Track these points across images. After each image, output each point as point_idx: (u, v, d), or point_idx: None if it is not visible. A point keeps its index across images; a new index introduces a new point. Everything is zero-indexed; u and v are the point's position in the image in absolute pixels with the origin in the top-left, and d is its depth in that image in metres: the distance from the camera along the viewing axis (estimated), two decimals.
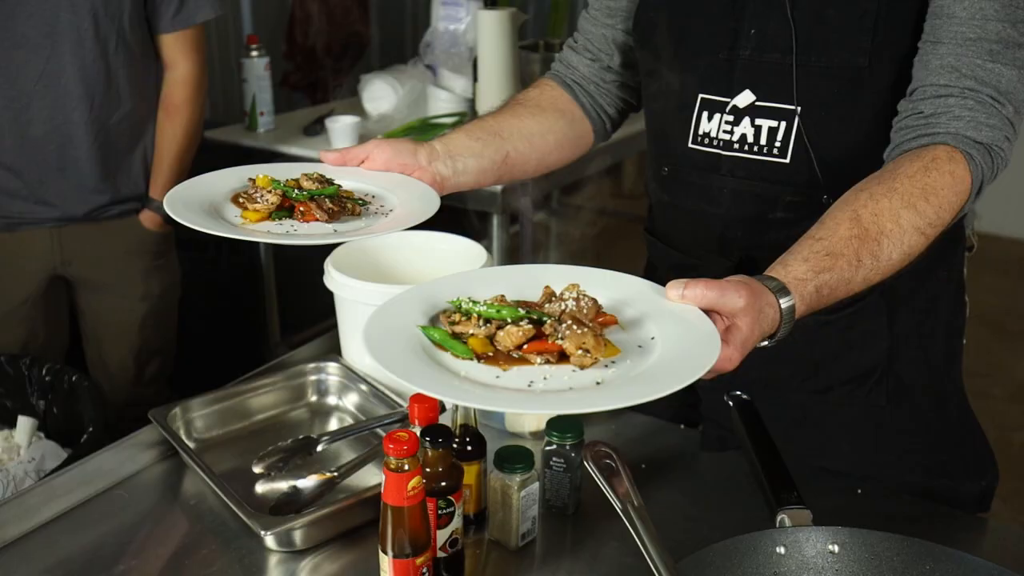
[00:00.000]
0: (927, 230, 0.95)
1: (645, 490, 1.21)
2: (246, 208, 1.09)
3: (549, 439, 1.16)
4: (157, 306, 2.25)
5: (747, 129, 1.15)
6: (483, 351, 0.84)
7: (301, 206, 1.08)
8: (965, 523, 1.17)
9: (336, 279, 1.40)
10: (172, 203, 1.07)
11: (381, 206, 1.14)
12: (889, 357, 1.20)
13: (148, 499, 1.20)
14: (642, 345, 0.83)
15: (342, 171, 1.18)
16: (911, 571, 0.80)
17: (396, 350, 0.82)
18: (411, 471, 0.95)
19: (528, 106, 1.33)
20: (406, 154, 1.19)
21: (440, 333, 0.86)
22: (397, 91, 2.66)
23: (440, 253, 1.52)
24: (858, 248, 0.91)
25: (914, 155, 0.98)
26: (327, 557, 1.10)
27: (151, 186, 2.16)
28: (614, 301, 0.90)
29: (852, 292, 0.92)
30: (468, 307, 0.87)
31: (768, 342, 0.88)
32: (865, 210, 0.93)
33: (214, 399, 1.35)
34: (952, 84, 0.99)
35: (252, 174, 1.15)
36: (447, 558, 1.06)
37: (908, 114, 1.03)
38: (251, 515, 1.08)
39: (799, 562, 0.81)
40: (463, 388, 0.78)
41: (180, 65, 2.13)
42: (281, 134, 2.70)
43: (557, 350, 0.82)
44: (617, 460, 0.84)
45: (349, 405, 1.42)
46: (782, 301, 0.86)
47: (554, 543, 1.14)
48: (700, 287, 0.83)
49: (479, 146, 1.24)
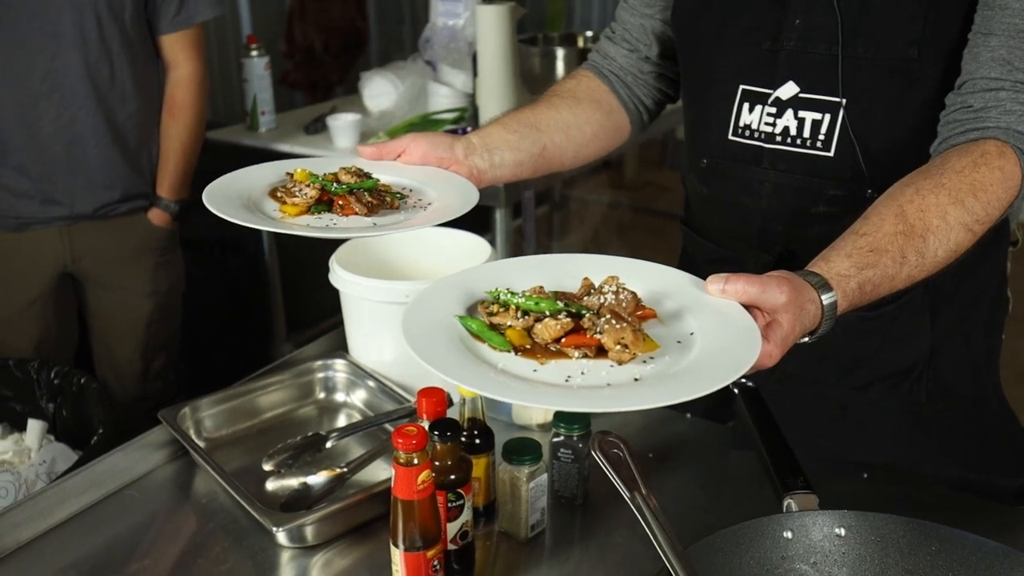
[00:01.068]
0: (975, 227, 0.93)
1: (653, 479, 1.23)
2: (284, 202, 1.09)
3: (556, 430, 1.17)
4: (163, 302, 2.27)
5: (790, 121, 1.13)
6: (521, 343, 0.82)
7: (340, 200, 1.08)
8: (1002, 514, 1.17)
9: (341, 276, 1.40)
10: (211, 197, 1.07)
11: (419, 200, 1.13)
12: (931, 354, 1.19)
13: (159, 499, 1.21)
14: (681, 340, 0.82)
15: (379, 165, 1.17)
16: (917, 552, 0.80)
17: (433, 341, 0.81)
18: (420, 465, 0.95)
19: (565, 97, 1.31)
20: (443, 148, 1.17)
21: (478, 324, 0.85)
22: (397, 87, 2.66)
23: (444, 248, 1.53)
24: (903, 244, 0.89)
25: (963, 150, 0.96)
26: (339, 552, 1.11)
27: (157, 184, 2.19)
28: (653, 293, 0.89)
29: (896, 289, 0.91)
30: (506, 298, 0.86)
31: (809, 338, 0.86)
32: (911, 206, 0.91)
33: (223, 398, 1.36)
34: (1003, 77, 0.97)
35: (289, 169, 1.15)
36: (458, 550, 1.07)
37: (957, 107, 1.00)
38: (262, 512, 1.09)
39: (806, 546, 0.81)
40: (501, 383, 0.77)
41: (181, 65, 2.15)
42: (282, 133, 2.70)
43: (595, 344, 0.81)
44: (624, 449, 0.84)
45: (357, 401, 1.43)
46: (824, 297, 0.84)
47: (563, 533, 1.15)
48: (741, 282, 0.82)
49: (516, 139, 1.22)
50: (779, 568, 0.81)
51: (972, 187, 0.93)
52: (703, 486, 1.23)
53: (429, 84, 2.66)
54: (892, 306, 1.11)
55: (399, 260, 1.54)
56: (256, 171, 1.17)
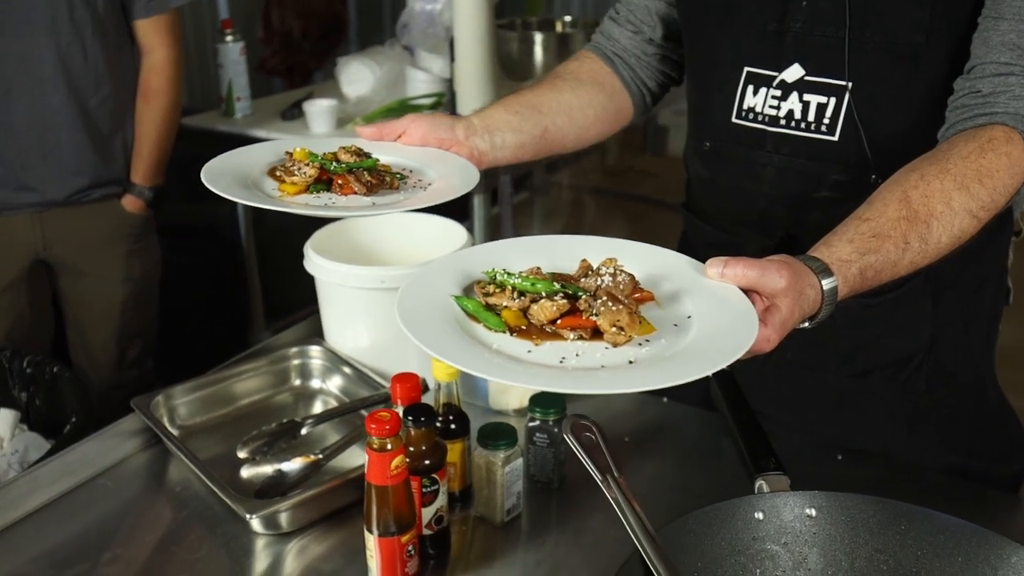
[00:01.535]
0: (980, 213, 0.92)
1: (629, 462, 1.24)
2: (283, 181, 1.08)
3: (532, 415, 1.17)
4: (138, 289, 2.26)
5: (795, 105, 1.12)
6: (516, 324, 0.82)
7: (339, 179, 1.07)
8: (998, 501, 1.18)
9: (316, 262, 1.39)
10: (209, 175, 1.06)
11: (419, 180, 1.12)
12: (931, 342, 1.18)
13: (133, 487, 1.20)
14: (678, 324, 0.82)
15: (379, 146, 1.16)
16: (887, 532, 0.81)
17: (427, 321, 0.81)
18: (394, 451, 0.95)
19: (567, 79, 1.30)
20: (443, 129, 1.16)
21: (473, 304, 0.85)
22: (375, 73, 2.64)
23: (420, 234, 1.52)
24: (906, 230, 0.88)
25: (969, 135, 0.95)
26: (314, 539, 1.11)
27: (132, 171, 2.18)
28: (651, 276, 0.88)
29: (898, 275, 0.90)
30: (503, 279, 0.86)
31: (808, 324, 0.86)
32: (915, 191, 0.90)
33: (197, 386, 1.35)
34: (1013, 62, 0.95)
35: (289, 148, 1.14)
36: (433, 535, 1.06)
37: (965, 92, 0.99)
38: (236, 499, 1.08)
39: (777, 527, 0.82)
40: (493, 363, 0.76)
41: (156, 51, 2.13)
42: (258, 119, 2.68)
43: (591, 326, 0.80)
44: (597, 433, 0.84)
45: (333, 388, 1.42)
46: (824, 282, 0.83)
47: (539, 517, 1.15)
48: (740, 266, 0.82)
49: (517, 120, 1.21)
50: (750, 549, 0.82)
51: (978, 173, 0.91)
52: (679, 469, 1.24)
53: (407, 69, 2.65)
54: (893, 293, 1.10)
55: (375, 246, 1.53)
56: (255, 150, 1.17)
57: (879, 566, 0.81)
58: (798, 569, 0.82)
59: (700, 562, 0.80)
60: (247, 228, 2.67)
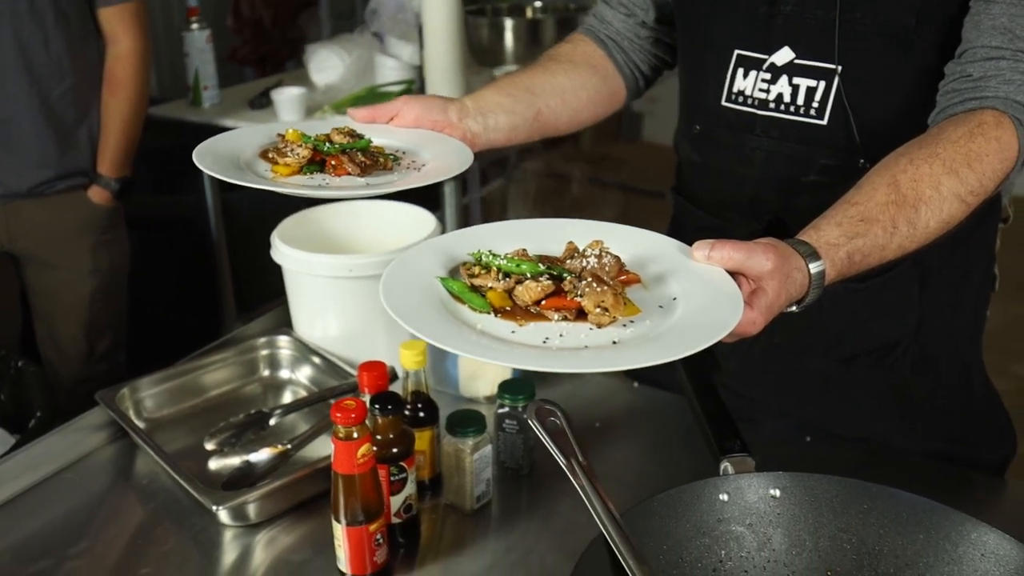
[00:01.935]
0: (968, 198, 0.91)
1: (599, 448, 1.24)
2: (276, 163, 1.07)
3: (501, 401, 1.17)
4: (106, 282, 2.23)
5: (784, 88, 1.11)
6: (501, 305, 0.82)
7: (333, 160, 1.06)
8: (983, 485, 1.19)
9: (283, 251, 1.38)
10: (201, 157, 1.05)
11: (413, 161, 1.11)
12: (918, 328, 1.18)
13: (98, 481, 1.18)
14: (663, 305, 0.82)
15: (372, 128, 1.15)
16: (849, 511, 0.81)
17: (411, 302, 0.81)
18: (360, 439, 0.95)
19: (561, 62, 1.29)
20: (436, 110, 1.15)
21: (459, 285, 0.85)
22: (344, 60, 2.62)
23: (388, 222, 1.52)
24: (894, 214, 0.88)
25: (960, 119, 0.94)
26: (283, 529, 1.10)
27: (98, 162, 2.15)
28: (638, 258, 0.88)
29: (886, 259, 0.89)
30: (488, 260, 0.86)
31: (795, 307, 0.85)
32: (904, 175, 0.90)
33: (164, 377, 1.34)
34: (1004, 46, 0.95)
35: (281, 130, 1.14)
36: (402, 524, 1.06)
37: (956, 77, 0.99)
38: (202, 491, 1.08)
39: (742, 508, 0.82)
40: (477, 343, 0.77)
41: (121, 40, 2.10)
42: (226, 108, 2.66)
43: (575, 307, 0.81)
44: (562, 417, 0.84)
45: (302, 378, 1.41)
46: (812, 266, 0.83)
47: (510, 504, 1.15)
48: (727, 248, 0.81)
49: (510, 102, 1.20)
50: (715, 530, 0.82)
51: (967, 157, 0.91)
52: (649, 454, 1.24)
53: (376, 56, 2.63)
54: (880, 278, 1.10)
55: (343, 234, 1.52)
56: (247, 132, 1.16)
57: (842, 545, 0.82)
58: (762, 549, 0.83)
59: (665, 544, 0.80)
60: (217, 219, 2.65)
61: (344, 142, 1.09)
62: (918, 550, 0.80)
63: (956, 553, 0.78)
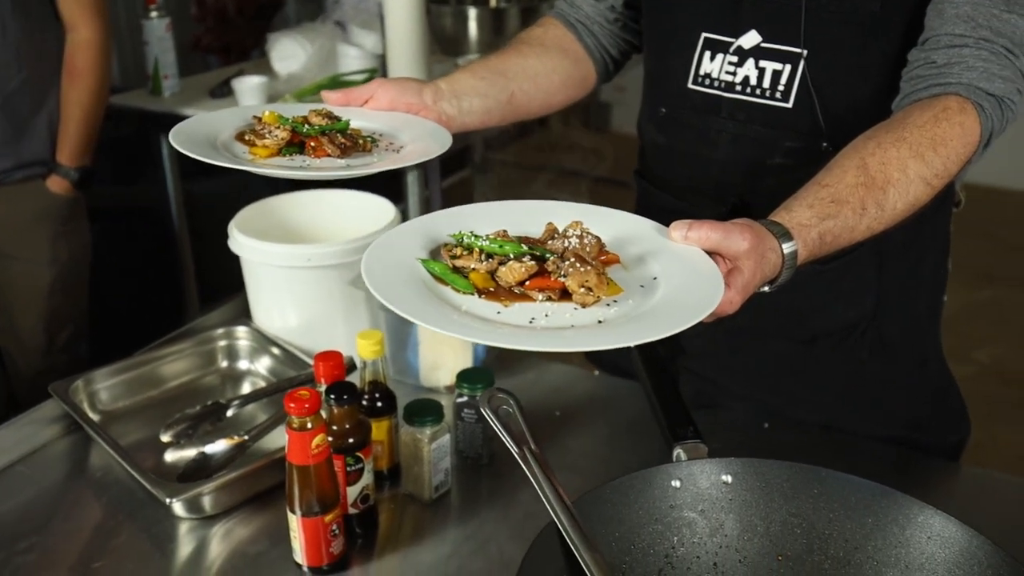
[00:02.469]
0: (933, 181, 0.93)
1: (560, 436, 1.24)
2: (254, 145, 1.06)
3: (460, 390, 1.16)
4: (65, 272, 2.20)
5: (751, 71, 1.12)
6: (484, 286, 0.82)
7: (312, 141, 1.05)
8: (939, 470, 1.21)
9: (241, 242, 1.37)
10: (178, 138, 1.03)
11: (390, 143, 1.11)
12: (875, 310, 1.20)
13: (51, 475, 1.17)
14: (644, 285, 0.82)
15: (346, 111, 1.14)
16: (800, 496, 0.82)
17: (395, 283, 0.80)
18: (314, 429, 0.94)
19: (532, 45, 1.29)
20: (411, 93, 1.15)
21: (441, 267, 0.84)
22: (306, 49, 2.59)
23: (347, 211, 1.51)
24: (864, 196, 0.89)
25: (925, 105, 0.96)
26: (239, 521, 1.09)
27: (58, 151, 2.11)
28: (616, 239, 0.89)
29: (855, 240, 0.91)
30: (470, 241, 0.85)
31: (768, 288, 0.87)
32: (872, 158, 0.91)
33: (120, 369, 1.32)
34: (967, 34, 0.97)
35: (257, 112, 1.12)
36: (359, 514, 1.06)
37: (920, 63, 1.00)
38: (156, 483, 1.06)
39: (694, 494, 0.83)
40: (463, 323, 0.76)
41: (81, 28, 2.06)
42: (187, 97, 2.62)
43: (559, 287, 0.81)
44: (514, 405, 0.84)
45: (261, 369, 1.40)
46: (785, 246, 0.84)
47: (469, 493, 1.15)
48: (705, 228, 0.82)
49: (484, 85, 1.21)
50: (668, 517, 0.82)
51: (932, 141, 0.93)
52: (609, 442, 1.25)
53: (338, 45, 2.61)
54: (840, 261, 1.11)
55: (302, 224, 1.51)
56: (222, 115, 1.14)
57: (793, 529, 0.83)
58: (715, 535, 0.83)
59: (617, 531, 0.80)
60: (178, 208, 2.62)
61: (323, 124, 1.08)
62: (867, 533, 0.81)
63: (903, 536, 0.79)
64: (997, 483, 1.16)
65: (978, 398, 1.33)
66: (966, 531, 0.76)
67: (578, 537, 0.72)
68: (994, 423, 2.94)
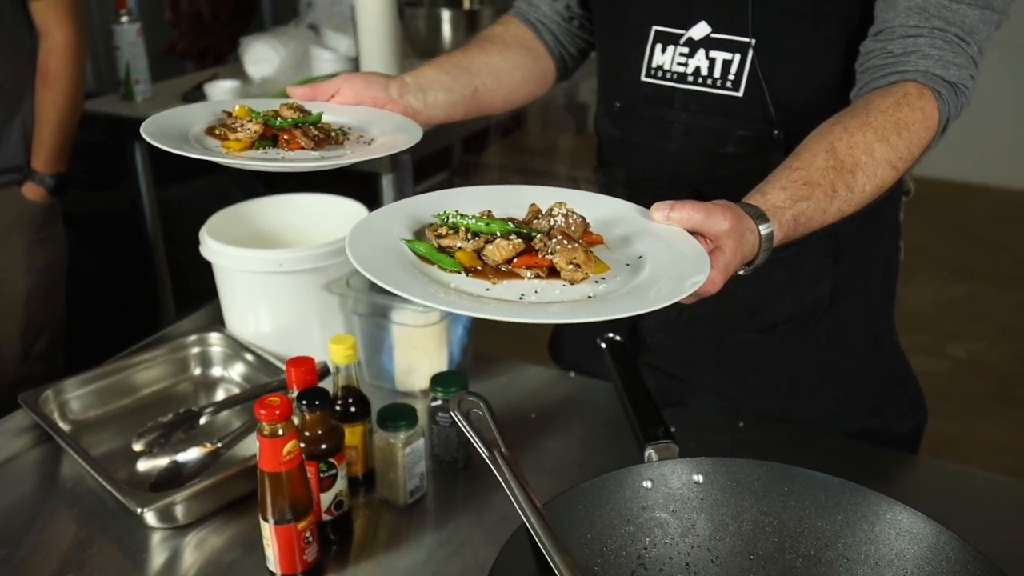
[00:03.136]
0: (898, 164, 0.97)
1: (536, 438, 1.24)
2: (226, 138, 1.05)
3: (434, 394, 1.16)
4: (42, 280, 2.17)
5: (701, 62, 1.15)
6: (471, 265, 0.81)
7: (286, 134, 1.05)
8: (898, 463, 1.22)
9: (212, 247, 1.36)
10: (150, 131, 1.02)
11: (361, 136, 1.11)
12: (831, 296, 1.23)
13: (21, 486, 1.16)
14: (630, 263, 0.83)
15: (313, 106, 1.14)
16: (771, 494, 0.82)
17: (381, 261, 0.79)
18: (285, 436, 0.94)
19: (495, 42, 1.32)
20: (377, 87, 1.16)
21: (426, 247, 0.83)
22: (279, 53, 2.58)
23: (320, 216, 1.50)
24: (834, 179, 0.92)
25: (885, 91, 1.00)
26: (213, 530, 1.08)
27: (33, 157, 2.09)
28: (599, 221, 0.89)
29: (826, 223, 0.94)
30: (456, 220, 0.85)
31: (745, 270, 0.89)
32: (840, 142, 0.94)
33: (91, 378, 1.31)
34: (921, 24, 1.00)
35: (226, 107, 1.12)
36: (333, 521, 1.05)
37: (876, 54, 1.04)
38: (127, 493, 1.05)
39: (665, 494, 0.83)
40: (453, 298, 0.76)
41: (55, 33, 2.04)
42: (159, 102, 2.60)
43: (547, 265, 0.81)
44: (485, 408, 0.84)
45: (235, 376, 1.39)
46: (762, 227, 0.86)
47: (445, 497, 1.14)
48: (687, 208, 0.83)
49: (449, 80, 1.22)
50: (640, 518, 0.82)
51: (896, 126, 0.96)
52: (585, 443, 1.25)
53: (312, 49, 2.60)
54: (797, 247, 1.13)
55: (273, 229, 1.50)
56: (191, 109, 1.14)
57: (764, 528, 0.83)
58: (687, 535, 0.83)
59: (589, 533, 0.80)
60: (152, 214, 2.60)
61: (295, 117, 1.08)
62: (837, 531, 0.81)
63: (873, 532, 0.79)
64: (965, 477, 1.17)
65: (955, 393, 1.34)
66: (934, 527, 0.76)
67: (549, 540, 0.72)
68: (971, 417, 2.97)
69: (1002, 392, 3.16)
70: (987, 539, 0.79)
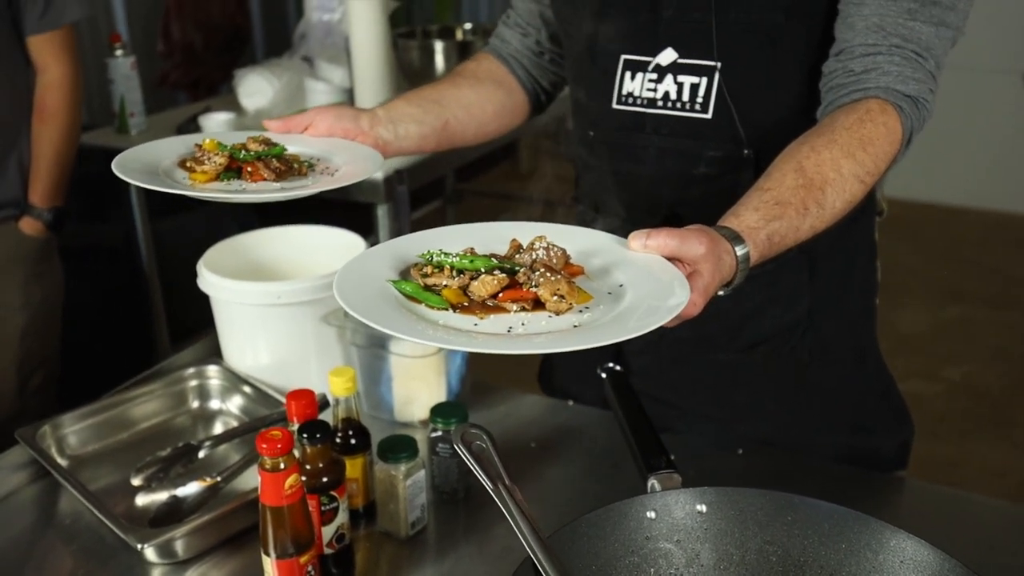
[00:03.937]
0: (866, 178, 0.99)
1: (536, 468, 1.24)
2: (194, 171, 1.09)
3: (434, 425, 1.16)
4: (38, 315, 2.16)
5: (670, 86, 1.18)
6: (458, 301, 0.83)
7: (248, 166, 1.09)
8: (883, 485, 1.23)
9: (209, 280, 1.36)
10: (121, 166, 1.06)
11: (327, 167, 1.15)
12: (810, 313, 1.26)
13: (19, 522, 1.15)
14: (611, 292, 0.85)
15: (287, 138, 1.19)
16: (774, 523, 0.82)
17: (370, 302, 0.81)
18: (287, 470, 0.93)
19: (467, 76, 1.36)
20: (348, 119, 1.20)
21: (412, 286, 0.85)
22: (273, 85, 2.60)
23: (316, 247, 1.51)
24: (804, 197, 0.94)
25: (849, 109, 1.02)
26: (213, 565, 1.08)
27: (30, 192, 2.09)
28: (578, 254, 0.91)
29: (800, 239, 0.96)
30: (440, 259, 0.87)
31: (724, 291, 0.90)
32: (808, 161, 0.97)
33: (88, 412, 1.30)
34: (879, 42, 1.03)
35: (198, 140, 1.16)
36: (335, 554, 1.05)
37: (839, 73, 1.06)
38: (126, 528, 1.05)
39: (669, 525, 0.83)
40: (442, 334, 0.78)
41: (51, 68, 2.05)
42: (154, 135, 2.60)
43: (532, 297, 0.82)
44: (488, 440, 0.84)
45: (233, 408, 1.39)
46: (737, 249, 0.88)
47: (446, 529, 1.14)
48: (662, 236, 0.86)
49: (420, 112, 1.26)
50: (644, 548, 0.82)
51: (861, 141, 0.99)
52: (585, 473, 1.24)
53: (306, 80, 2.61)
54: (772, 265, 1.16)
55: (271, 261, 1.50)
56: (165, 144, 1.18)
57: (768, 557, 0.83)
58: (691, 565, 0.83)
59: (594, 565, 0.80)
60: (147, 247, 2.60)
61: (259, 149, 1.12)
62: (841, 559, 0.81)
63: (877, 561, 0.79)
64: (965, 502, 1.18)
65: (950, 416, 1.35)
66: (938, 554, 0.77)
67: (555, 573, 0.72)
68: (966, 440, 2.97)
69: (996, 415, 3.17)
70: (988, 565, 0.79)
